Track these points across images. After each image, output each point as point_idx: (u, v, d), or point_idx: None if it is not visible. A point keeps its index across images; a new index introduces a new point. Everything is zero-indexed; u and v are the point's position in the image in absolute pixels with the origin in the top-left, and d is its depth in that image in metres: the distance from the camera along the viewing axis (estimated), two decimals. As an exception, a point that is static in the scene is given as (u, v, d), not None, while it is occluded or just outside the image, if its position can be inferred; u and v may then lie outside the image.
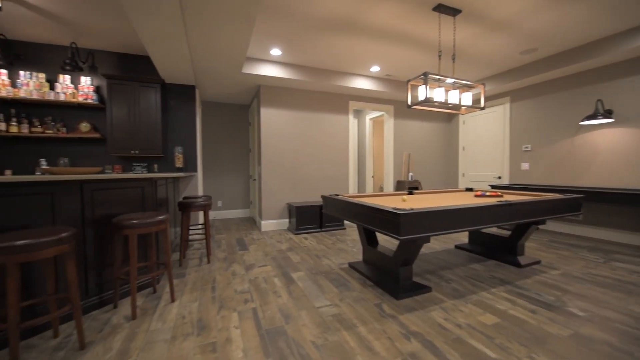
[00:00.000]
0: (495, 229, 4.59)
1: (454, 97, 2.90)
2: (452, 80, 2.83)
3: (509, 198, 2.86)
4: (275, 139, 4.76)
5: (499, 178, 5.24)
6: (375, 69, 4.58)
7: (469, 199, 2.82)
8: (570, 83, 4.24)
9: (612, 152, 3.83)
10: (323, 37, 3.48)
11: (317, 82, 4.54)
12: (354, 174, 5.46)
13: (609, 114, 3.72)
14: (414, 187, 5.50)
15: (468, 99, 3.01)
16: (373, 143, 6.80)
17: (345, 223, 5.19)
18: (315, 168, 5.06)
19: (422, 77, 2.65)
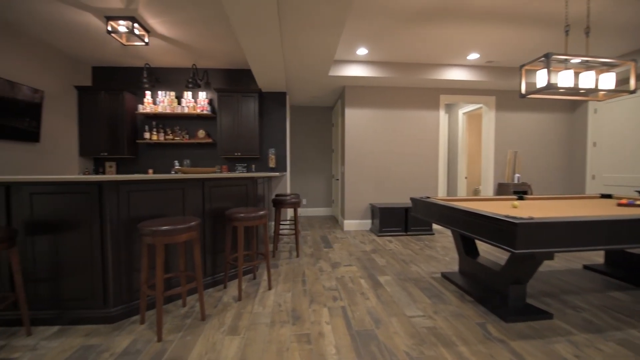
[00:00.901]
0: (647, 249, 3.49)
1: (588, 80, 2.32)
2: (583, 60, 2.27)
3: (678, 209, 2.12)
4: (359, 139, 4.74)
5: (653, 182, 3.98)
6: (474, 57, 4.07)
7: (610, 209, 2.21)
8: None
9: None
10: (414, 29, 3.28)
11: (404, 77, 4.32)
12: (444, 175, 4.99)
13: None
14: (523, 191, 4.68)
15: (609, 81, 2.36)
16: (467, 140, 6.08)
17: (434, 228, 4.79)
18: (401, 168, 4.84)
19: (542, 59, 2.20)
